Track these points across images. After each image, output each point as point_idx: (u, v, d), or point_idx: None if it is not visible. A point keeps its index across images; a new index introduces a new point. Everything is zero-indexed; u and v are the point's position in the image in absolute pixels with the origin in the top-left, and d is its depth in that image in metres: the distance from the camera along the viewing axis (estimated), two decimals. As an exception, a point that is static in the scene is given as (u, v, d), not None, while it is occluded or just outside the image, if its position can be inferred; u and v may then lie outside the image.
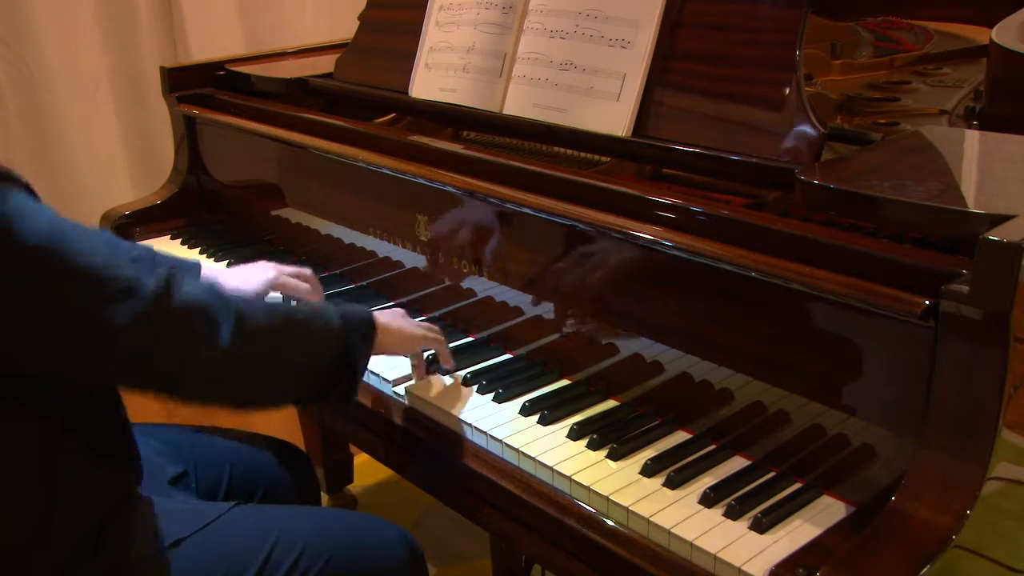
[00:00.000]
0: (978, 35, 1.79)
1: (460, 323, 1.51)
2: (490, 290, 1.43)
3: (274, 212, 1.89)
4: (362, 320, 1.20)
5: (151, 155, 2.69)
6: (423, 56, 1.66)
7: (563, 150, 1.56)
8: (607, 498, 1.07)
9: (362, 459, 2.34)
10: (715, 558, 0.98)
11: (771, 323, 1.09)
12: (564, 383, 1.33)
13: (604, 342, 1.28)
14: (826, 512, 1.04)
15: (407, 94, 1.67)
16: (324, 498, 2.26)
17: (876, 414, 1.01)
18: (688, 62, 1.32)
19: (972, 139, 1.29)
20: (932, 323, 0.91)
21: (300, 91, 1.90)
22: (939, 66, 1.73)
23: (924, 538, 0.88)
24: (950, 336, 0.90)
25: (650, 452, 1.15)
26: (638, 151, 1.38)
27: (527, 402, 1.27)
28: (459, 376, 1.35)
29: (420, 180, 1.47)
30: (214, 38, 2.72)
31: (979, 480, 0.88)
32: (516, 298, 1.39)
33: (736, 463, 1.13)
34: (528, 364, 1.39)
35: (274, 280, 1.48)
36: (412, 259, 1.57)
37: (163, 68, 2.04)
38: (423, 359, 1.36)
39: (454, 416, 1.26)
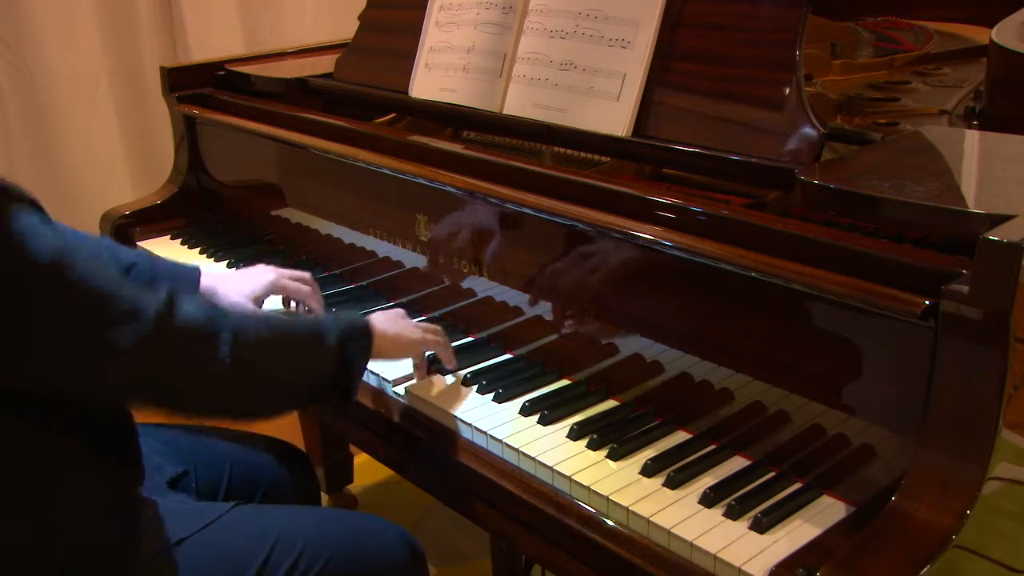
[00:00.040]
0: (978, 35, 1.79)
1: (460, 323, 1.51)
2: (490, 290, 1.43)
3: (274, 212, 1.89)
4: (359, 330, 1.22)
5: (151, 155, 2.69)
6: (423, 56, 1.66)
7: (563, 150, 1.56)
8: (607, 498, 1.07)
9: (362, 459, 2.33)
10: (715, 558, 0.98)
11: (771, 323, 1.09)
12: (564, 383, 1.33)
13: (604, 342, 1.28)
14: (826, 512, 1.04)
15: (407, 94, 1.67)
16: (324, 498, 2.26)
17: (876, 414, 1.01)
18: (688, 62, 1.32)
19: (972, 139, 1.29)
20: (932, 323, 0.91)
21: (300, 91, 1.90)
22: (939, 66, 1.73)
23: (924, 538, 0.88)
24: (950, 336, 0.90)
25: (650, 452, 1.15)
26: (638, 151, 1.38)
27: (527, 402, 1.27)
28: (459, 376, 1.35)
29: (420, 180, 1.47)
30: (214, 38, 2.72)
31: (979, 480, 0.88)
32: (516, 298, 1.39)
33: (736, 463, 1.13)
34: (528, 364, 1.38)
35: (274, 283, 1.49)
36: (412, 259, 1.57)
37: (163, 68, 2.04)
38: (425, 359, 1.36)
39: (454, 416, 1.27)
